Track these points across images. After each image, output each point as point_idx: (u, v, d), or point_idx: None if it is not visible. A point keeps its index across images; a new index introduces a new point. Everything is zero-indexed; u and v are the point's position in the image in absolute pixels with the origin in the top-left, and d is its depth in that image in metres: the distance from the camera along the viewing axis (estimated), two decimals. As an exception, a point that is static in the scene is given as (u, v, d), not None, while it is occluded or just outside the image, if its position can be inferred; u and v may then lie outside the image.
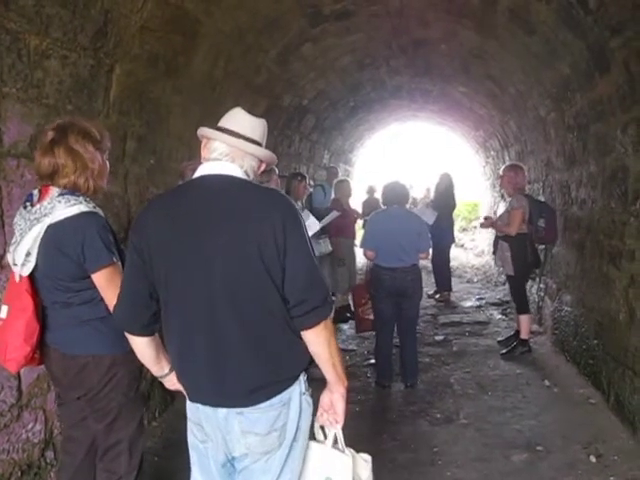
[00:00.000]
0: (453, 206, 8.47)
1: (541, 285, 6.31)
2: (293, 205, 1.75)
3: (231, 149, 1.78)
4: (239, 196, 1.71)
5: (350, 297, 6.67)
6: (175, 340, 1.78)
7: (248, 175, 1.81)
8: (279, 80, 6.10)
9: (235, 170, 1.76)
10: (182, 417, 1.91)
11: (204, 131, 1.84)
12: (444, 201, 8.20)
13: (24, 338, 2.05)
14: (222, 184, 1.73)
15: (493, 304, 7.79)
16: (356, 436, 1.96)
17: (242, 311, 1.68)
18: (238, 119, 1.84)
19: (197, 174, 1.79)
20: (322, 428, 1.93)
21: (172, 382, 1.93)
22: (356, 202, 8.40)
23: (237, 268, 1.66)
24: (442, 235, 8.05)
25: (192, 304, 1.70)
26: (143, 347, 1.84)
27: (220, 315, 1.68)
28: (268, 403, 1.72)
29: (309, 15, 5.04)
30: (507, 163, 5.99)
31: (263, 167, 1.90)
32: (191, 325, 1.72)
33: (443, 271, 8.36)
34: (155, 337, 1.84)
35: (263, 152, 1.86)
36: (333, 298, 5.89)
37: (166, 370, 1.93)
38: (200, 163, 1.83)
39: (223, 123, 1.84)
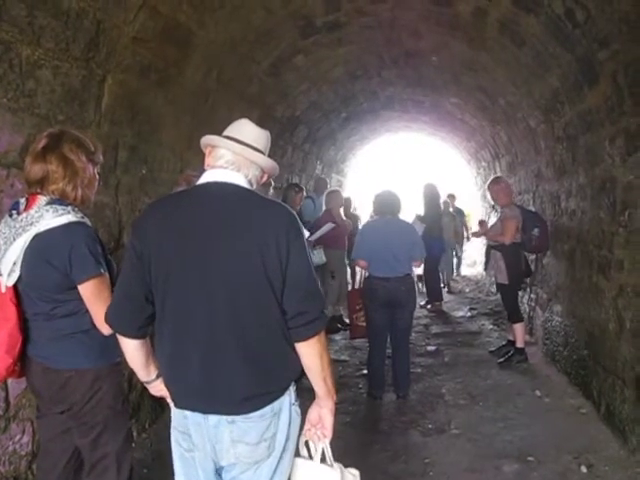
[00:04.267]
0: (440, 215, 8.51)
1: (532, 295, 6.34)
2: (296, 217, 1.76)
3: (237, 157, 1.79)
4: (243, 205, 1.72)
5: (341, 308, 6.68)
6: (167, 344, 1.76)
7: (252, 185, 1.82)
8: (272, 91, 6.13)
9: (240, 179, 1.77)
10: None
11: (209, 139, 1.85)
12: (432, 211, 8.24)
13: (6, 349, 2.01)
14: (226, 192, 1.74)
15: (485, 314, 7.82)
16: (347, 447, 1.97)
17: (240, 319, 1.68)
18: (243, 129, 1.86)
19: (201, 180, 1.79)
20: (307, 444, 1.91)
21: (158, 388, 1.91)
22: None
23: (238, 277, 1.66)
24: (432, 245, 8.10)
25: (189, 310, 1.70)
26: (134, 350, 1.81)
27: (217, 322, 1.68)
28: (260, 413, 1.71)
29: (301, 27, 5.08)
30: (492, 177, 6.05)
31: (265, 178, 1.92)
32: (186, 330, 1.71)
33: (434, 281, 8.39)
34: (146, 341, 1.82)
35: (267, 162, 1.87)
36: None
37: (153, 376, 1.91)
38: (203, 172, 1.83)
39: (228, 132, 1.85)
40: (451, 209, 10.51)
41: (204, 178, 1.79)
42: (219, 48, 4.44)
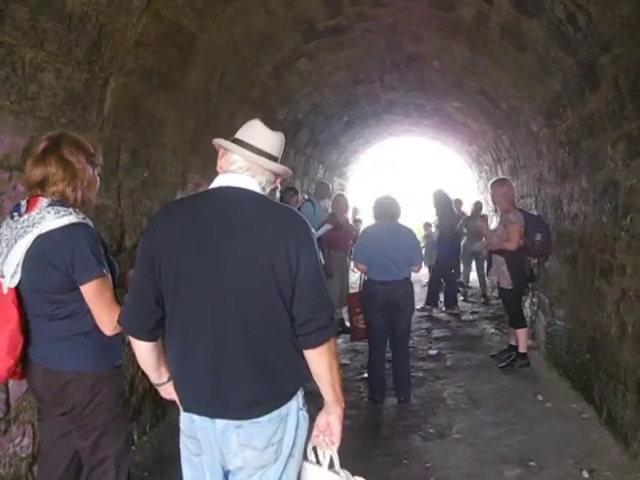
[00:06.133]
0: (453, 220, 8.45)
1: (534, 300, 6.33)
2: (307, 224, 1.76)
3: (251, 164, 1.78)
4: (255, 211, 1.72)
5: (342, 310, 6.70)
6: (177, 348, 1.76)
7: (264, 188, 1.82)
8: (274, 94, 6.14)
9: (253, 185, 1.77)
10: (173, 431, 1.89)
11: (222, 143, 1.83)
12: (444, 217, 8.22)
13: (7, 351, 2.01)
14: (239, 198, 1.73)
15: (486, 318, 7.82)
16: (348, 451, 1.94)
17: (249, 326, 1.68)
18: (257, 133, 1.82)
19: (214, 184, 1.79)
20: (315, 450, 1.90)
21: (169, 391, 1.91)
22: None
23: (247, 282, 1.66)
24: (442, 250, 8.16)
25: (197, 314, 1.70)
26: (145, 352, 1.82)
27: (226, 327, 1.68)
28: (267, 417, 1.71)
29: (303, 31, 5.10)
30: (495, 178, 6.02)
31: (279, 181, 1.91)
32: (195, 335, 1.71)
33: (437, 285, 8.37)
34: (158, 343, 1.83)
35: (282, 168, 1.86)
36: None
37: (164, 378, 1.90)
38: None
39: (241, 135, 1.83)
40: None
41: (216, 182, 1.79)
42: (222, 52, 4.45)
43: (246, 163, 1.78)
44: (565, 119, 4.78)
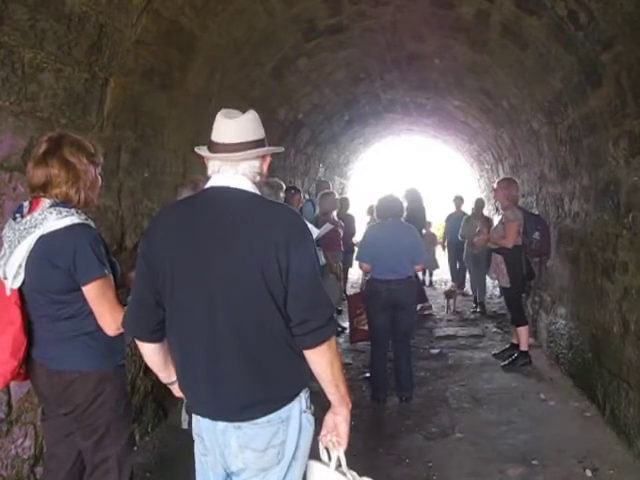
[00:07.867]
0: (422, 221, 8.32)
1: (536, 298, 6.32)
2: (300, 220, 1.73)
3: (226, 161, 1.76)
4: (245, 211, 1.70)
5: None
6: (177, 352, 1.78)
7: (254, 178, 1.77)
8: (274, 94, 6.14)
9: (239, 180, 1.73)
10: (175, 432, 1.90)
11: (197, 151, 1.84)
12: (412, 215, 8.11)
13: (11, 352, 2.02)
14: (230, 198, 1.71)
15: (488, 317, 7.80)
16: (351, 450, 1.93)
17: (242, 329, 1.67)
18: (220, 128, 1.77)
19: (207, 185, 1.79)
20: (327, 449, 1.89)
21: (179, 390, 1.91)
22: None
23: (239, 287, 1.65)
24: None
25: (194, 316, 1.69)
26: (151, 354, 1.83)
27: (220, 331, 1.67)
28: (265, 419, 1.70)
29: (303, 30, 5.09)
30: (501, 177, 6.07)
31: (268, 160, 1.86)
32: (192, 338, 1.71)
33: (420, 283, 8.27)
34: (164, 344, 1.82)
35: (254, 153, 1.77)
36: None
37: (174, 378, 1.90)
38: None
39: (212, 135, 1.80)
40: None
41: (209, 183, 1.79)
42: (222, 51, 4.45)
43: (221, 162, 1.76)
44: (566, 117, 4.76)
